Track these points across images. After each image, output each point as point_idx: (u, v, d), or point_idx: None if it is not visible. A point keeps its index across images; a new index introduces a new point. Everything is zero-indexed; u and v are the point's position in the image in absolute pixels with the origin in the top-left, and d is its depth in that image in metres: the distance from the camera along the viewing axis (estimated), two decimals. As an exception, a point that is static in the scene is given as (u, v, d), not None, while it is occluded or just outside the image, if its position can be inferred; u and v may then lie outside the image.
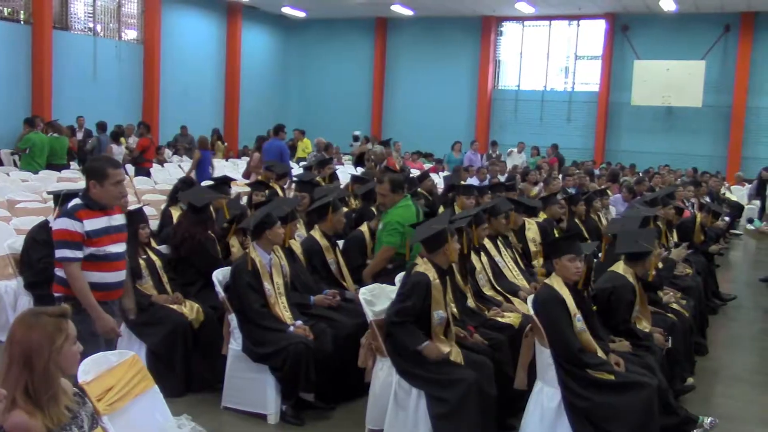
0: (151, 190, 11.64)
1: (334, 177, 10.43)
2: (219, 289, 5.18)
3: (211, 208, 6.58)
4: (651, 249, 5.40)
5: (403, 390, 4.59)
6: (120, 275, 4.26)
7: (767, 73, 21.41)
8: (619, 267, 5.39)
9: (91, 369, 3.30)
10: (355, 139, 19.78)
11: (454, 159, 17.70)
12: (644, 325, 5.41)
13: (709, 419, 4.91)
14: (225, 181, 7.75)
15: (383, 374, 4.76)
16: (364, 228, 6.52)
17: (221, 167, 15.45)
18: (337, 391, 5.34)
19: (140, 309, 5.43)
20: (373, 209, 7.57)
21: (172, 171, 14.82)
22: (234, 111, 24.55)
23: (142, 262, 5.71)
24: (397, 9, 23.30)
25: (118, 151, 14.45)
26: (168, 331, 5.43)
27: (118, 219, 4.27)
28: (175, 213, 6.96)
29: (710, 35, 21.81)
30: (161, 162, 16.09)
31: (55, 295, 4.16)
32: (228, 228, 6.19)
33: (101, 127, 15.43)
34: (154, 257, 5.85)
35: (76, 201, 4.13)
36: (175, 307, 5.59)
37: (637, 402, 4.38)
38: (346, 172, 13.66)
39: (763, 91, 21.47)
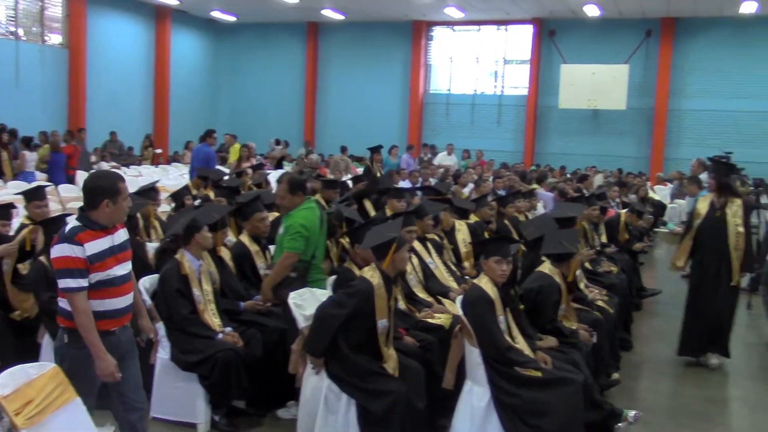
0: (77, 197, 11.34)
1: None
2: (146, 296, 5.08)
3: (139, 215, 6.46)
4: (573, 250, 5.53)
5: (334, 394, 4.59)
6: (129, 299, 3.90)
7: (687, 76, 22.20)
8: (546, 267, 5.51)
9: (8, 382, 3.20)
10: (277, 143, 19.88)
11: (391, 162, 17.75)
12: (570, 323, 5.54)
13: (633, 412, 5.04)
14: (153, 188, 7.62)
15: (314, 379, 4.75)
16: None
17: (150, 173, 15.15)
18: (270, 397, 5.31)
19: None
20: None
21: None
22: (164, 116, 24.12)
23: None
24: (328, 13, 23.30)
25: (31, 158, 14.11)
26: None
27: (121, 236, 3.87)
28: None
29: (633, 40, 22.48)
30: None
31: (60, 326, 3.78)
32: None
33: (12, 133, 15.01)
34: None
35: (74, 223, 3.72)
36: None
37: (564, 397, 4.48)
38: (275, 176, 13.54)
39: (684, 94, 22.24)
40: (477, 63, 24.90)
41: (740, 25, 21.24)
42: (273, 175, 12.41)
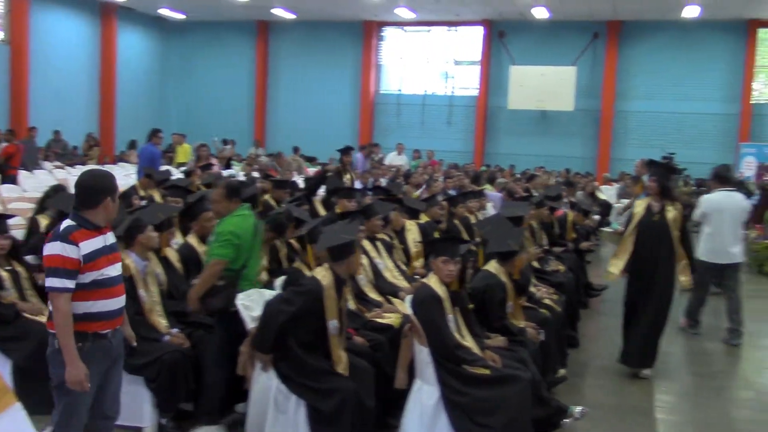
0: (19, 198, 11.06)
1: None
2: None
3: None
4: (517, 248, 5.59)
5: (283, 394, 4.56)
6: (121, 300, 3.86)
7: (633, 78, 22.67)
8: (492, 266, 5.57)
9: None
10: (224, 142, 19.73)
11: None
12: (518, 321, 5.61)
13: (579, 408, 5.12)
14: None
15: (263, 379, 4.71)
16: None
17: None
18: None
19: (5, 322, 5.18)
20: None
21: (42, 178, 14.13)
22: (110, 115, 23.66)
23: (5, 273, 5.41)
24: (279, 12, 23.13)
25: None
26: (35, 345, 5.14)
27: (111, 237, 3.85)
28: (44, 221, 6.65)
29: (580, 42, 22.87)
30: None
31: (51, 332, 3.68)
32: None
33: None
34: (19, 268, 5.55)
35: (69, 222, 3.65)
36: (40, 318, 5.32)
37: (512, 395, 4.53)
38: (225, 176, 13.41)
39: (630, 95, 22.71)
40: (427, 63, 25.03)
41: (683, 28, 21.80)
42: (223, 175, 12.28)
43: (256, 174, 13.25)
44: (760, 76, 22.46)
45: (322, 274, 4.64)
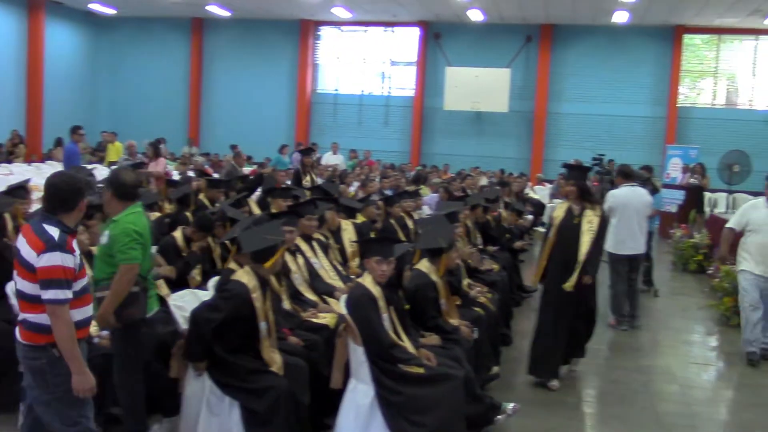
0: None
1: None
2: (14, 301, 4.81)
3: (7, 215, 6.14)
4: (444, 245, 5.63)
5: (216, 396, 4.51)
6: (92, 306, 3.79)
7: (565, 81, 23.16)
8: (423, 265, 5.62)
9: None
10: (158, 142, 19.34)
11: (284, 162, 17.58)
12: (452, 319, 5.67)
13: (512, 405, 5.22)
14: (23, 187, 7.23)
15: (196, 382, 4.64)
16: (177, 233, 6.33)
17: (22, 171, 14.38)
18: (151, 402, 5.14)
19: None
20: (188, 214, 7.40)
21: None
22: (37, 112, 22.90)
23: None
24: (214, 9, 22.84)
25: None
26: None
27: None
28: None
29: (514, 45, 23.24)
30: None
31: (37, 345, 3.54)
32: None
33: None
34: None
35: (55, 229, 3.50)
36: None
37: (446, 393, 4.58)
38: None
39: (562, 98, 23.19)
40: (364, 64, 25.07)
41: (613, 33, 22.40)
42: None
43: (191, 173, 13.05)
44: (686, 81, 23.25)
45: (246, 277, 4.58)
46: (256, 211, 8.29)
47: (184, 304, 4.79)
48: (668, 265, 13.05)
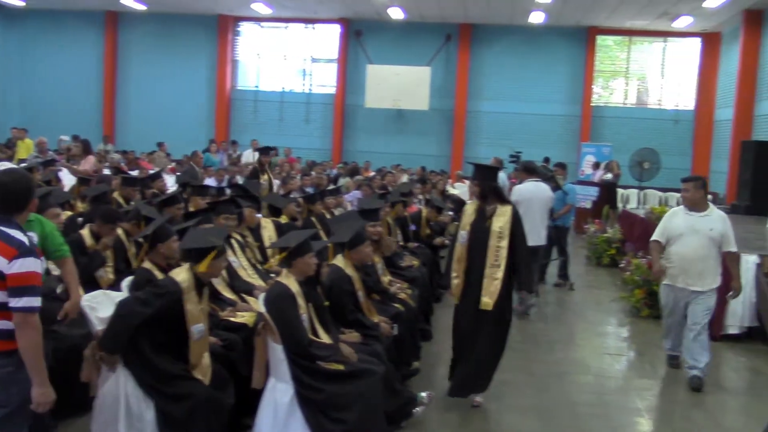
0: None
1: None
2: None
3: None
4: (344, 240, 5.64)
5: (134, 398, 4.38)
6: None
7: (484, 80, 23.55)
8: (339, 260, 5.63)
9: None
10: (75, 139, 18.79)
11: (213, 160, 17.26)
12: (372, 316, 5.69)
13: (425, 393, 5.28)
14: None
15: (111, 385, 4.51)
16: (84, 231, 6.13)
17: None
18: (62, 406, 4.97)
19: None
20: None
21: None
22: (-60, 107, 21.92)
23: None
24: (129, 3, 22.26)
25: None
26: None
27: None
28: None
29: (434, 43, 23.49)
30: None
31: (7, 350, 3.33)
32: None
33: None
34: None
35: (20, 233, 3.30)
36: None
37: (365, 389, 4.60)
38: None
39: (481, 96, 23.57)
40: (285, 60, 24.88)
41: (530, 33, 22.92)
42: (65, 172, 11.69)
43: (106, 171, 12.71)
44: (599, 80, 23.98)
45: (182, 275, 4.48)
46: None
47: (96, 305, 4.64)
48: (583, 259, 13.44)
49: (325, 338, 4.84)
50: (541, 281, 10.67)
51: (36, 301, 3.29)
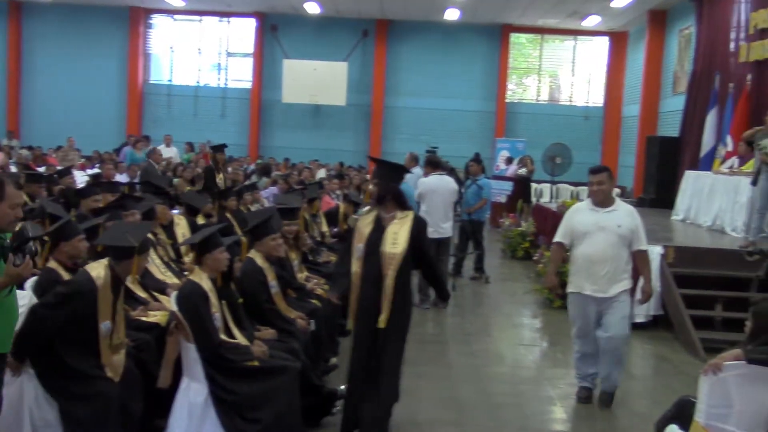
0: None
1: None
2: None
3: None
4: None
5: (39, 401, 4.21)
6: None
7: (401, 76, 23.67)
8: (252, 253, 5.59)
9: None
10: None
11: (138, 157, 16.65)
12: (289, 312, 5.65)
13: (345, 386, 5.19)
14: None
15: (13, 390, 4.31)
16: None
17: None
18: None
19: None
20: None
21: None
22: None
23: None
24: (33, -8, 21.41)
25: None
26: None
27: None
28: None
29: (351, 38, 23.46)
30: None
31: None
32: None
33: None
34: None
35: None
36: None
37: (281, 386, 4.56)
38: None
39: (398, 92, 23.69)
40: (200, 54, 24.40)
41: (446, 30, 23.18)
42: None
43: (12, 167, 12.20)
44: (513, 77, 24.48)
45: (98, 270, 4.31)
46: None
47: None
48: (498, 252, 13.70)
49: (239, 337, 4.77)
50: (458, 274, 10.80)
51: None
